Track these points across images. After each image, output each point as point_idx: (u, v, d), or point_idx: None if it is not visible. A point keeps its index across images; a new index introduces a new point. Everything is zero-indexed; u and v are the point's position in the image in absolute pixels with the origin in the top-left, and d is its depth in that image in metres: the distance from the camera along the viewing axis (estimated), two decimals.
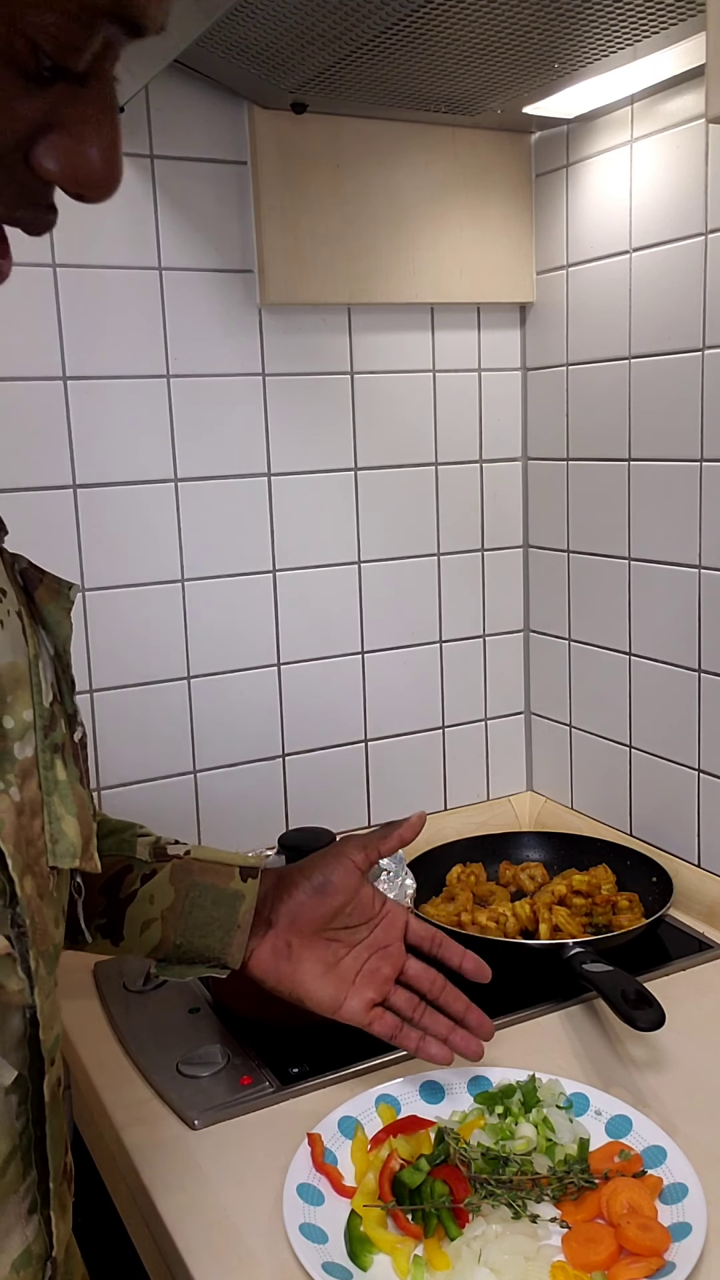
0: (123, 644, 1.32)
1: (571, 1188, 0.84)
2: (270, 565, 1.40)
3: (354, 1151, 0.91)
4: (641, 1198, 0.82)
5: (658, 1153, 0.87)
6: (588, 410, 1.43)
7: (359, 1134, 0.92)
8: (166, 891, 0.88)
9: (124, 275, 1.26)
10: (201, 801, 1.40)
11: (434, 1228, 0.81)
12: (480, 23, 1.02)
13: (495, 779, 1.62)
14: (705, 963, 1.22)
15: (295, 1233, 0.81)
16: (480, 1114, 0.94)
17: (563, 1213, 0.83)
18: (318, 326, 1.38)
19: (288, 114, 1.28)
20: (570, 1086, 0.96)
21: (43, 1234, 0.62)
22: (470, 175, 1.40)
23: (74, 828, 0.64)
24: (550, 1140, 0.90)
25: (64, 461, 1.26)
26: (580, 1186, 0.84)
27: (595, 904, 1.30)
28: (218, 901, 0.88)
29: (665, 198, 1.26)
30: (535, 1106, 0.93)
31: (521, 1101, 0.94)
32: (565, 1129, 0.91)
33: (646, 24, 1.04)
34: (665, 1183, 0.84)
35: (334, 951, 0.92)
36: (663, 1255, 0.77)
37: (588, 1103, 0.94)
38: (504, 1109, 0.93)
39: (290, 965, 0.90)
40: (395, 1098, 0.97)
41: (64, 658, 0.68)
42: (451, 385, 1.49)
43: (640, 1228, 0.79)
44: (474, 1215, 0.82)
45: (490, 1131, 0.91)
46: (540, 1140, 0.89)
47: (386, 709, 1.51)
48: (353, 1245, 0.81)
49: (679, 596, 1.32)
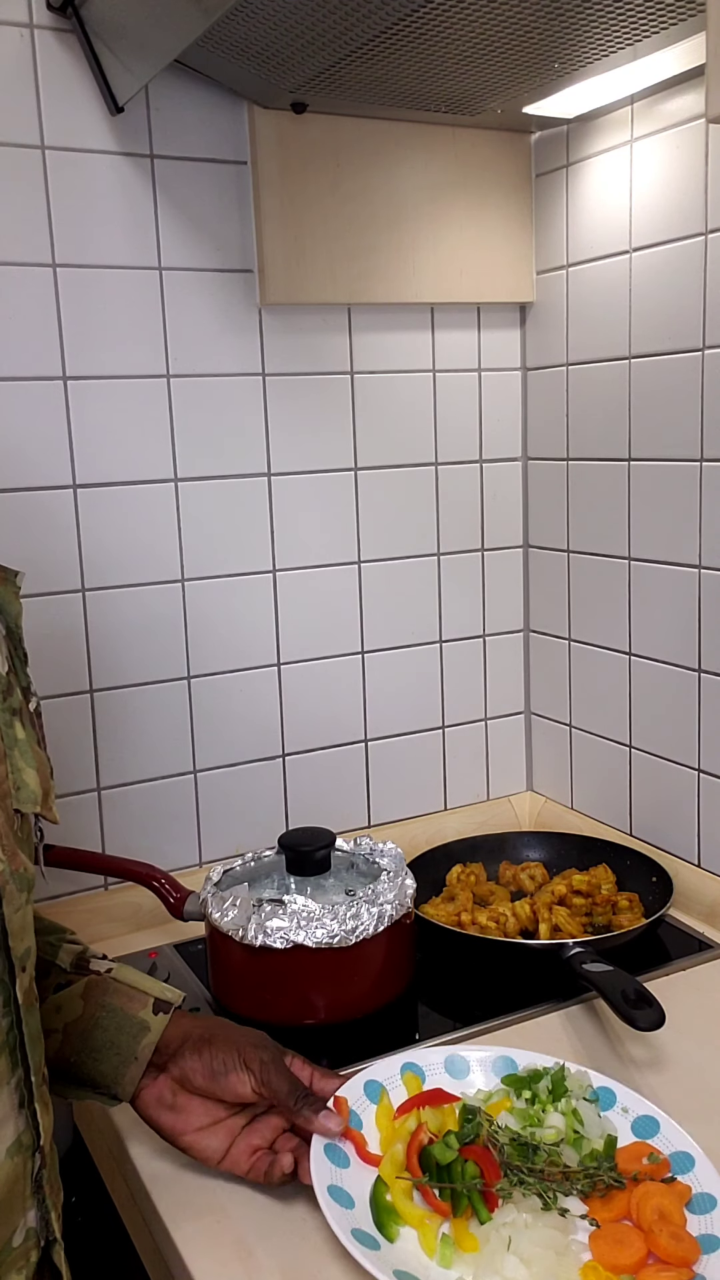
0: (123, 644, 1.32)
1: (600, 1185, 0.83)
2: (270, 565, 1.40)
3: (379, 1117, 0.90)
4: (672, 1205, 0.81)
5: (685, 1160, 0.86)
6: (588, 410, 1.43)
7: (384, 1100, 0.91)
8: (75, 1005, 0.87)
9: (124, 275, 1.26)
10: (201, 801, 1.40)
11: (463, 1208, 0.80)
12: (480, 23, 1.02)
13: (495, 779, 1.62)
14: (705, 963, 1.22)
15: (324, 1194, 0.80)
16: (506, 1096, 0.92)
17: (590, 1210, 0.82)
18: (318, 326, 1.38)
19: (288, 114, 1.28)
20: (597, 1080, 0.94)
21: (31, 1126, 0.69)
22: (470, 175, 1.40)
23: (34, 779, 0.70)
24: (577, 1134, 0.88)
25: (64, 461, 1.26)
26: (609, 1185, 0.83)
27: (595, 904, 1.30)
28: (121, 1027, 0.87)
29: (665, 198, 1.26)
30: (564, 1096, 0.91)
31: (550, 1089, 0.92)
32: (594, 1123, 0.89)
33: (646, 24, 1.04)
34: (694, 1191, 0.83)
35: (219, 1110, 0.89)
36: (692, 1267, 0.76)
37: (614, 1099, 0.93)
38: (532, 1094, 0.92)
39: (173, 1115, 0.87)
40: (420, 1067, 0.95)
41: (15, 634, 0.74)
42: (451, 385, 1.49)
43: (672, 1236, 0.78)
44: (504, 1201, 0.81)
45: (518, 1116, 0.89)
46: (568, 1132, 0.88)
47: (386, 709, 1.51)
48: (379, 1214, 0.80)
49: (679, 596, 1.32)
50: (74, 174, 1.21)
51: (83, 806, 1.32)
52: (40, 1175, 0.70)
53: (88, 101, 1.21)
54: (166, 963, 1.25)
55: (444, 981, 1.21)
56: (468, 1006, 1.15)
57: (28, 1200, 0.70)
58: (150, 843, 1.36)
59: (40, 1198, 0.71)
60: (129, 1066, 0.86)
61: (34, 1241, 0.70)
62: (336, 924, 1.07)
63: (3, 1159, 0.66)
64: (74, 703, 1.30)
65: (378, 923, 1.09)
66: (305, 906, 1.08)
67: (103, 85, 1.19)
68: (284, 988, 1.08)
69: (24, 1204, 0.69)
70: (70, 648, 1.29)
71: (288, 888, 1.19)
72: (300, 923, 1.07)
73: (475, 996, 1.17)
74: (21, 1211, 0.69)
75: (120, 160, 1.24)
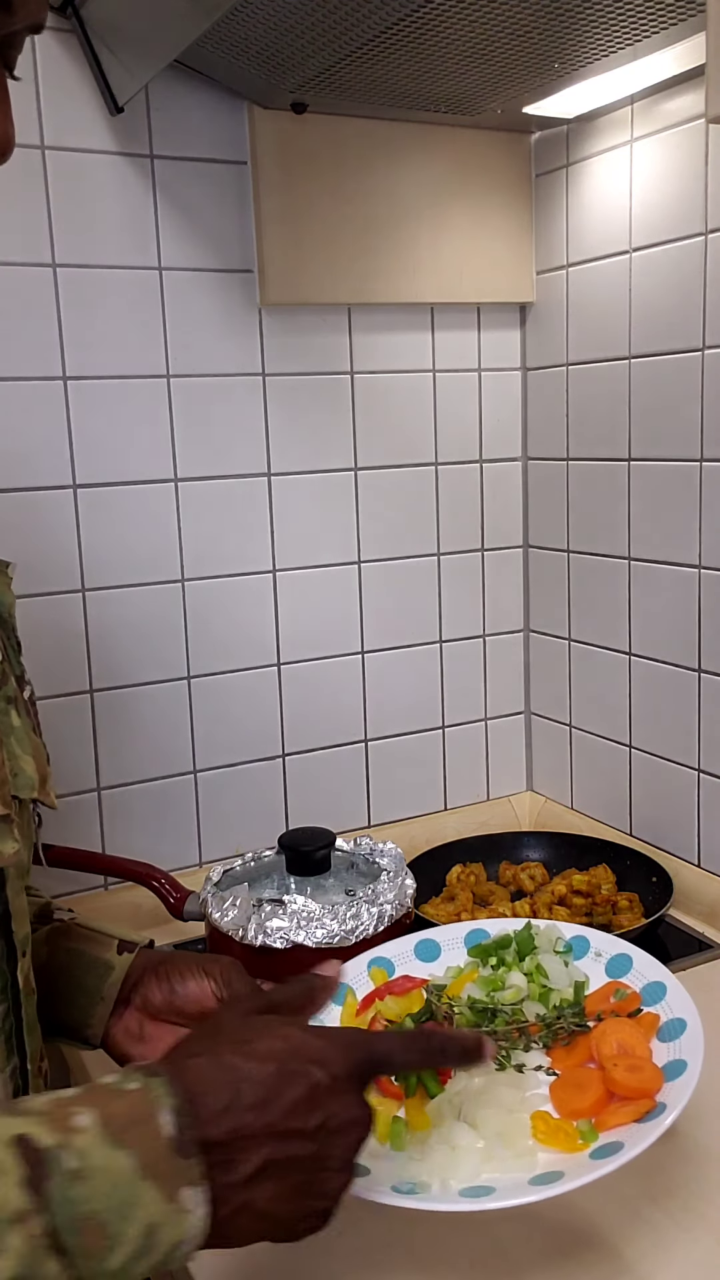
0: (123, 644, 1.32)
1: (563, 1034, 0.80)
2: (270, 565, 1.40)
3: (343, 1018, 0.87)
4: (634, 1037, 0.78)
5: (657, 989, 0.82)
6: (588, 410, 1.43)
7: (349, 999, 0.89)
8: (40, 953, 0.86)
9: (124, 275, 1.26)
10: (201, 801, 1.40)
11: (414, 1087, 0.77)
12: (480, 23, 1.02)
13: (495, 779, 1.62)
14: (705, 963, 1.22)
15: None
16: (474, 967, 0.90)
17: (553, 1060, 0.79)
18: (318, 326, 1.38)
19: (288, 114, 1.28)
20: (569, 931, 0.91)
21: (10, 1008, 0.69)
22: (470, 175, 1.40)
23: (31, 765, 0.70)
24: (545, 986, 0.85)
25: (64, 461, 1.26)
26: (571, 1031, 0.80)
27: (595, 904, 1.30)
28: (88, 970, 0.86)
29: (665, 198, 1.26)
30: (530, 954, 0.89)
31: (517, 951, 0.90)
32: (560, 974, 0.87)
33: (646, 24, 1.04)
34: (663, 1019, 0.79)
35: None
36: (653, 1096, 0.73)
37: (588, 946, 0.90)
38: (499, 960, 0.89)
39: (141, 1046, 0.86)
40: (389, 959, 0.93)
41: (9, 623, 0.74)
42: (451, 385, 1.49)
43: (629, 1069, 0.74)
44: (456, 1071, 0.77)
45: (481, 984, 0.87)
46: (534, 988, 0.85)
47: (386, 709, 1.51)
48: None
49: (679, 596, 1.32)
50: (74, 174, 1.21)
51: (83, 806, 1.32)
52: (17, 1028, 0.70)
53: (88, 101, 1.21)
54: None
55: None
56: None
57: None
58: (150, 843, 1.36)
59: None
60: (96, 1007, 0.85)
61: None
62: (336, 924, 1.07)
63: None
64: (74, 703, 1.30)
65: (378, 923, 1.08)
66: (305, 906, 1.08)
67: (103, 85, 1.19)
68: None
69: None
70: (70, 648, 1.29)
71: (288, 888, 1.19)
72: (300, 923, 1.07)
73: None
74: None
75: (120, 160, 1.24)
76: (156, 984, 0.85)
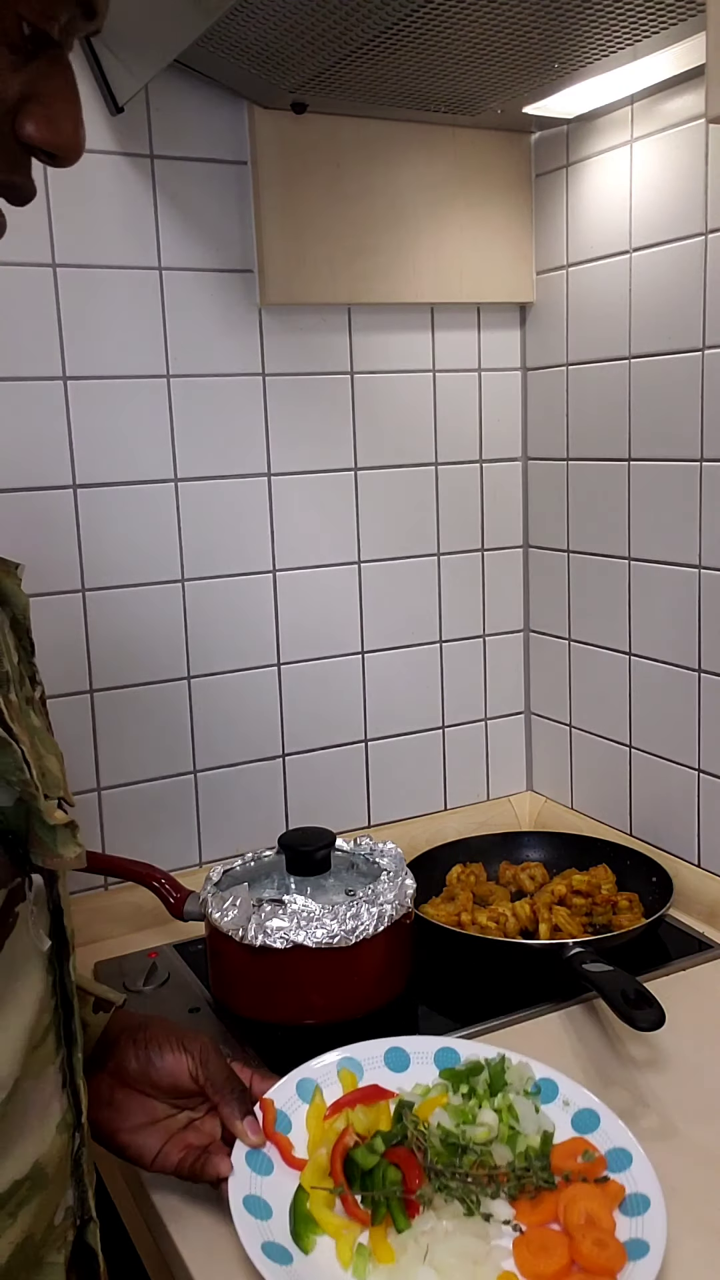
0: (123, 644, 1.32)
1: (529, 1187, 0.80)
2: (270, 565, 1.40)
3: (309, 1118, 0.87)
4: (600, 1207, 0.78)
5: (622, 1157, 0.83)
6: (588, 410, 1.43)
7: (317, 1098, 0.88)
8: None
9: (124, 275, 1.26)
10: (201, 801, 1.40)
11: (382, 1216, 0.77)
12: (480, 23, 1.02)
13: (495, 779, 1.62)
14: (705, 963, 1.22)
15: (238, 1206, 0.77)
16: (444, 1090, 0.89)
17: (518, 1213, 0.79)
18: (318, 326, 1.38)
19: (288, 114, 1.28)
20: (540, 1071, 0.91)
21: (72, 1104, 0.68)
22: (470, 175, 1.40)
23: (56, 765, 0.70)
24: (513, 1129, 0.85)
25: (64, 461, 1.26)
26: (539, 1186, 0.80)
27: (595, 904, 1.30)
28: None
29: (665, 198, 1.26)
30: (501, 1091, 0.88)
31: (488, 1083, 0.89)
32: (530, 1119, 0.86)
33: (646, 24, 1.04)
34: (627, 1192, 0.80)
35: (156, 1108, 0.86)
36: (615, 1276, 0.73)
37: (556, 1091, 0.90)
38: (469, 1089, 0.89)
39: (109, 1112, 0.85)
40: (359, 1062, 0.93)
41: (22, 624, 0.74)
42: (451, 385, 1.49)
43: (596, 1243, 0.75)
44: (425, 1208, 0.78)
45: (452, 1113, 0.86)
46: (502, 1128, 0.85)
47: (386, 709, 1.51)
48: (297, 1224, 0.78)
49: (679, 596, 1.32)
50: (74, 174, 1.21)
51: (83, 806, 1.32)
52: (79, 1153, 0.70)
53: (88, 101, 1.21)
54: (166, 963, 1.25)
55: (444, 982, 1.21)
56: (467, 1006, 1.15)
57: (67, 1179, 0.69)
58: (150, 843, 1.36)
59: (78, 1176, 0.70)
60: None
61: (71, 1220, 0.70)
62: (336, 924, 1.07)
63: (52, 1136, 0.66)
64: (74, 703, 1.30)
65: (378, 923, 1.09)
66: (305, 906, 1.08)
67: (103, 85, 1.19)
68: (284, 988, 1.08)
69: (64, 1182, 0.69)
70: (70, 648, 1.29)
71: (288, 888, 1.19)
72: (300, 923, 1.07)
73: (475, 997, 1.17)
74: (62, 1189, 0.68)
75: (120, 160, 1.24)
76: (134, 1051, 0.85)
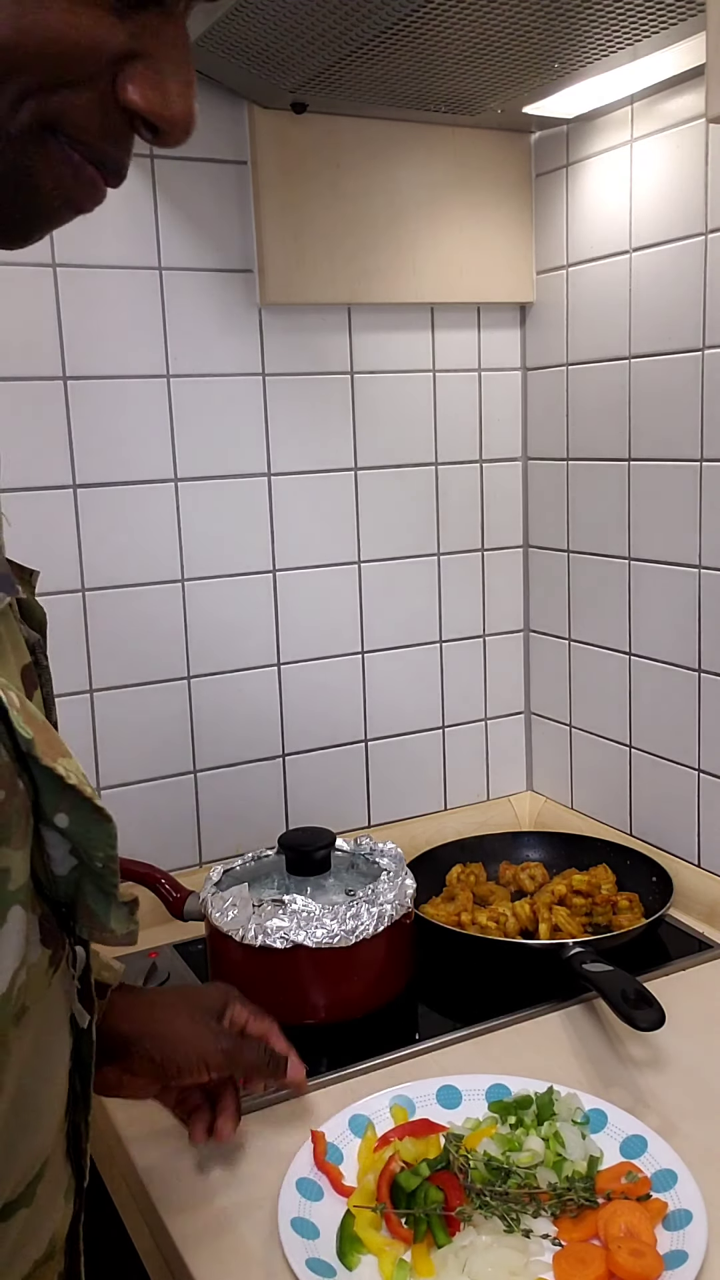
0: (123, 644, 1.32)
1: (571, 1205, 0.83)
2: (270, 565, 1.40)
3: (361, 1150, 0.91)
4: (641, 1221, 0.80)
5: (668, 1177, 0.85)
6: (588, 410, 1.43)
7: (369, 1132, 0.92)
8: None
9: (124, 275, 1.26)
10: (201, 801, 1.40)
11: (423, 1233, 0.81)
12: (480, 23, 1.02)
13: (495, 779, 1.62)
14: (705, 963, 1.22)
15: (286, 1226, 0.81)
16: (494, 1123, 0.93)
17: (559, 1230, 0.82)
18: (317, 326, 1.38)
19: (288, 114, 1.28)
20: (590, 1102, 0.94)
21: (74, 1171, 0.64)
22: (470, 175, 1.40)
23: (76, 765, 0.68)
24: (560, 1155, 0.88)
25: (64, 461, 1.26)
26: (581, 1205, 0.83)
27: (595, 904, 1.30)
28: None
29: (665, 198, 1.26)
30: (549, 1120, 0.92)
31: (536, 1114, 0.92)
32: (577, 1145, 0.89)
33: (646, 24, 1.04)
34: (671, 1208, 0.82)
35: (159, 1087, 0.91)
36: None
37: (605, 1120, 0.93)
38: (517, 1119, 0.92)
39: (116, 1090, 0.89)
40: (411, 1100, 0.96)
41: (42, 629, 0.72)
42: (451, 385, 1.49)
43: (632, 1253, 0.77)
44: (465, 1224, 0.82)
45: (499, 1142, 0.90)
46: (549, 1155, 0.88)
47: (386, 709, 1.51)
48: (343, 1244, 0.81)
49: (679, 596, 1.32)
50: None
51: None
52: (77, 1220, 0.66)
53: None
54: (166, 963, 1.25)
55: (444, 981, 1.21)
56: (467, 1006, 1.15)
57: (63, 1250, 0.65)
58: (150, 843, 1.36)
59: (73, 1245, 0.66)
60: None
61: None
62: (336, 924, 1.07)
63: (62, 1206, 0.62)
64: (74, 703, 1.30)
65: (378, 923, 1.09)
66: (305, 906, 1.08)
67: None
68: (284, 988, 1.08)
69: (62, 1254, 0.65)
70: (70, 648, 1.29)
71: (288, 888, 1.19)
72: (300, 923, 1.07)
73: (475, 996, 1.17)
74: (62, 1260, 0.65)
75: None
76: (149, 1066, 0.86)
